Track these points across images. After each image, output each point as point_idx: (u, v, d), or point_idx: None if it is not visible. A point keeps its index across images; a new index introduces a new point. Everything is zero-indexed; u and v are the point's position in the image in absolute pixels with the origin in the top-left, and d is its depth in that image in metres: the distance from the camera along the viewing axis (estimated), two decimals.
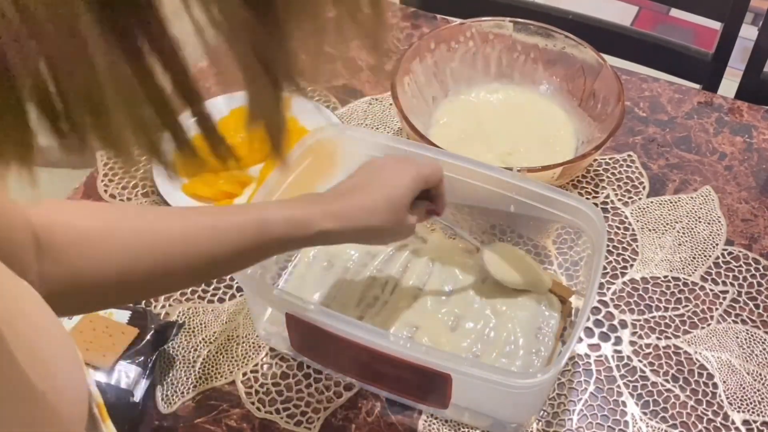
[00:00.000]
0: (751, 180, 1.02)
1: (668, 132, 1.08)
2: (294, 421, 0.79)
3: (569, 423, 0.79)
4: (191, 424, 0.79)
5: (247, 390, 0.81)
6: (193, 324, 0.86)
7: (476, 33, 1.07)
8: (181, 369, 0.83)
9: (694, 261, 0.93)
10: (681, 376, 0.83)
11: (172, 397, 0.81)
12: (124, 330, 0.78)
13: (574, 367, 0.84)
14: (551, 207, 0.82)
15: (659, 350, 0.85)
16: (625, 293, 0.90)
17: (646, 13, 2.48)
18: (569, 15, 1.29)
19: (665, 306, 0.89)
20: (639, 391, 0.82)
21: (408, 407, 0.80)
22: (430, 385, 0.75)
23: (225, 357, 0.84)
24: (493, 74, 1.09)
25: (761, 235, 0.96)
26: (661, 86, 1.14)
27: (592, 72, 1.02)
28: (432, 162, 0.78)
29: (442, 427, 0.79)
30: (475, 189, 0.85)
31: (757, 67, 1.22)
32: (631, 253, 0.94)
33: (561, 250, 0.91)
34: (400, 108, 0.94)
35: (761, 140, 1.07)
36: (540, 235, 0.93)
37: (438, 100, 1.07)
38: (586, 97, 1.03)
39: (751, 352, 0.85)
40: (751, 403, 0.81)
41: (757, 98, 1.16)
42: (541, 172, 0.89)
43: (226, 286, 0.90)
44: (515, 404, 0.78)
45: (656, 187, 1.01)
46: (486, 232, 0.94)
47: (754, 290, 0.91)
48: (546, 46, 1.06)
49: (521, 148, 1.02)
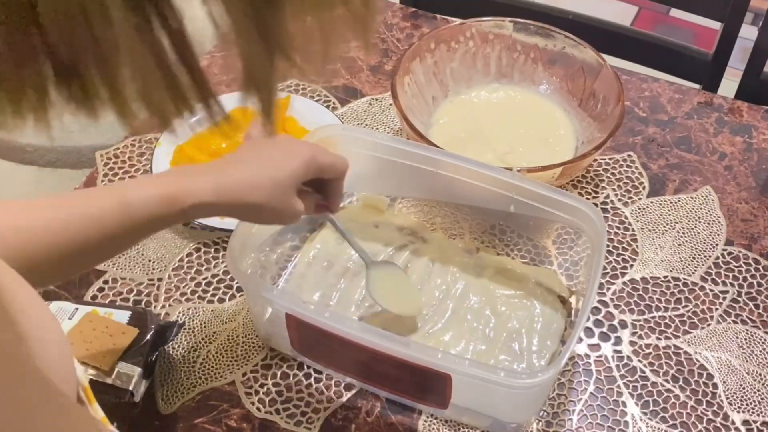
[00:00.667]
0: (751, 180, 1.02)
1: (668, 132, 1.08)
2: (294, 421, 0.79)
3: (569, 423, 0.79)
4: (191, 424, 0.79)
5: (247, 390, 0.81)
6: (193, 324, 0.86)
7: (476, 33, 1.07)
8: (181, 369, 0.83)
9: (694, 261, 0.93)
10: (681, 376, 0.83)
11: (172, 397, 0.81)
12: (124, 330, 0.78)
13: (574, 367, 0.84)
14: (551, 207, 0.82)
15: (659, 350, 0.85)
16: (625, 293, 0.90)
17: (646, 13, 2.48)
18: (569, 15, 1.29)
19: (665, 306, 0.89)
20: (639, 391, 0.82)
21: (408, 407, 0.80)
22: (429, 385, 0.75)
23: (225, 357, 0.84)
24: (493, 74, 1.09)
25: (761, 235, 0.96)
26: (661, 86, 1.14)
27: (592, 72, 1.02)
28: (337, 156, 0.75)
29: (442, 427, 0.79)
30: (475, 189, 0.85)
31: (757, 67, 1.22)
32: (631, 253, 0.94)
33: (561, 250, 0.91)
34: (400, 108, 0.94)
35: (761, 140, 1.07)
36: (540, 235, 0.93)
37: (438, 100, 1.07)
38: (586, 97, 1.03)
39: (751, 352, 0.85)
40: (751, 403, 0.81)
41: (757, 98, 1.16)
42: (541, 172, 0.89)
43: (226, 286, 0.90)
44: (515, 404, 0.78)
45: (656, 187, 1.01)
46: (486, 232, 0.94)
47: (754, 290, 0.91)
48: (546, 46, 1.06)
49: (521, 148, 1.02)
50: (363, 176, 0.92)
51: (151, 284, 0.90)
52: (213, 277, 0.91)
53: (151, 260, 0.92)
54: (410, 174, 0.87)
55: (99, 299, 0.88)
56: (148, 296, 0.89)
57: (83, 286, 0.89)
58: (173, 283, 0.90)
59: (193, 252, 0.93)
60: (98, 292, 0.89)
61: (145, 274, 0.91)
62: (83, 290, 0.89)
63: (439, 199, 0.95)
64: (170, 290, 0.89)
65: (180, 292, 0.89)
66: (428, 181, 0.87)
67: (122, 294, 0.89)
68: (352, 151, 0.87)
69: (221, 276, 0.91)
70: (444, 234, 0.94)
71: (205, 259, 0.92)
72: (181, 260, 0.92)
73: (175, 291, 0.89)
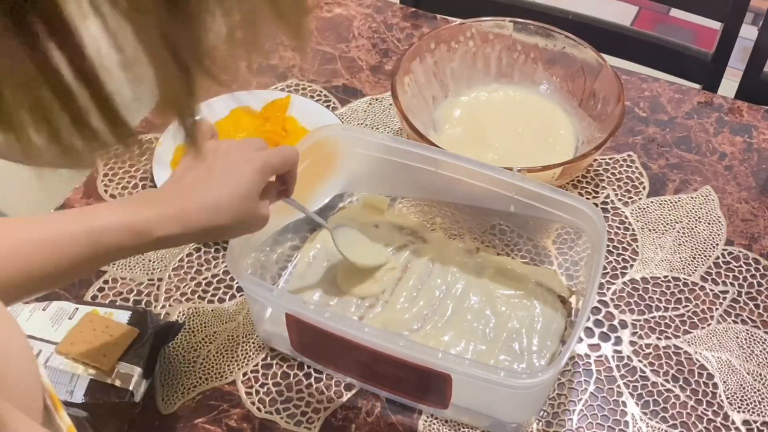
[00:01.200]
0: (751, 180, 1.02)
1: (668, 132, 1.08)
2: (294, 421, 0.79)
3: (569, 423, 0.79)
4: (191, 424, 0.79)
5: (247, 390, 0.81)
6: (193, 324, 0.86)
7: (476, 33, 1.07)
8: (181, 369, 0.83)
9: (694, 261, 0.93)
10: (681, 376, 0.83)
11: (172, 397, 0.81)
12: (124, 330, 0.78)
13: (574, 367, 0.84)
14: (551, 207, 0.82)
15: (659, 350, 0.85)
16: (625, 293, 0.90)
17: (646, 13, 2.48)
18: (569, 15, 1.29)
19: (665, 306, 0.89)
20: (639, 391, 0.82)
21: (408, 407, 0.80)
22: (430, 385, 0.75)
23: (225, 357, 0.84)
24: (493, 74, 1.09)
25: (761, 235, 0.96)
26: (661, 86, 1.14)
27: (592, 72, 1.02)
28: (284, 150, 0.74)
29: (442, 427, 0.79)
30: (475, 189, 0.85)
31: (757, 67, 1.22)
32: (631, 253, 0.94)
33: (561, 250, 0.91)
34: (400, 108, 0.94)
35: (761, 140, 1.07)
36: (540, 235, 0.93)
37: (438, 100, 1.07)
38: (586, 97, 1.03)
39: (751, 352, 0.85)
40: (751, 403, 0.81)
41: (757, 98, 1.16)
42: (541, 172, 0.89)
43: (227, 286, 0.90)
44: (515, 404, 0.78)
45: (656, 187, 1.01)
46: (486, 232, 0.94)
47: (754, 290, 0.91)
48: (546, 46, 1.06)
49: (521, 148, 1.02)
50: (363, 176, 0.92)
51: (151, 284, 0.90)
52: (213, 277, 0.91)
53: (151, 260, 0.92)
54: (410, 174, 0.87)
55: (99, 299, 0.88)
56: (148, 296, 0.89)
57: (83, 286, 0.89)
58: (173, 283, 0.90)
59: (193, 252, 0.93)
60: (98, 292, 0.89)
61: (145, 274, 0.91)
62: (83, 290, 0.89)
63: (439, 199, 0.95)
64: (170, 290, 0.89)
65: (180, 292, 0.89)
66: (428, 181, 0.87)
67: (122, 294, 0.89)
68: (352, 150, 0.87)
69: (221, 276, 0.91)
70: (444, 234, 0.94)
71: (205, 259, 0.92)
72: (181, 260, 0.92)
73: (175, 291, 0.89)
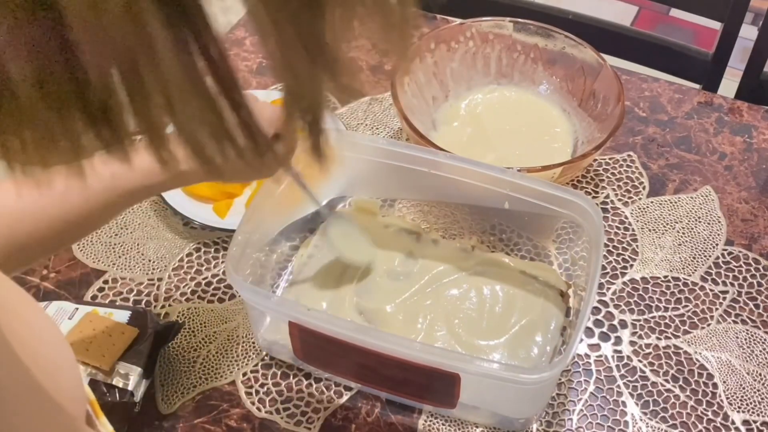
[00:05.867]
0: (751, 180, 1.02)
1: (668, 132, 1.08)
2: (294, 421, 0.79)
3: (569, 423, 0.79)
4: (191, 424, 0.79)
5: (247, 390, 0.81)
6: (193, 324, 0.86)
7: (476, 33, 1.07)
8: (181, 369, 0.83)
9: (694, 261, 0.93)
10: (681, 376, 0.83)
11: (172, 397, 0.81)
12: (124, 330, 0.78)
13: (574, 367, 0.84)
14: (547, 202, 0.82)
15: (659, 350, 0.85)
16: (625, 293, 0.90)
17: (646, 13, 2.48)
18: (569, 15, 1.29)
19: (665, 306, 0.89)
20: (639, 391, 0.82)
21: (408, 407, 0.80)
22: (438, 386, 0.75)
23: (225, 357, 0.84)
24: (492, 74, 1.09)
25: (761, 235, 0.96)
26: (661, 86, 1.14)
27: (592, 72, 1.02)
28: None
29: (442, 426, 0.79)
30: (475, 189, 0.85)
31: (757, 67, 1.22)
32: (631, 253, 0.94)
33: (561, 250, 0.91)
34: (400, 108, 0.94)
35: (761, 140, 1.07)
36: (539, 234, 0.93)
37: (438, 101, 1.07)
38: (586, 97, 1.03)
39: (751, 352, 0.85)
40: (751, 403, 0.81)
41: (757, 98, 1.16)
42: (540, 172, 0.89)
43: (227, 286, 0.90)
44: (524, 400, 0.78)
45: (656, 187, 1.01)
46: (486, 232, 0.94)
47: (754, 290, 0.91)
48: (546, 46, 1.06)
49: (521, 148, 1.02)
50: (360, 180, 0.92)
51: (151, 284, 0.90)
52: (213, 277, 0.91)
53: (151, 260, 0.92)
54: (407, 176, 0.86)
55: (99, 299, 0.88)
56: (148, 296, 0.89)
57: (83, 286, 0.89)
58: (173, 283, 0.90)
59: (193, 252, 0.93)
60: (98, 292, 0.89)
61: (145, 274, 0.91)
62: (83, 290, 0.89)
63: (437, 199, 0.95)
64: (170, 290, 0.89)
65: (180, 292, 0.89)
66: (425, 183, 0.87)
67: (122, 294, 0.89)
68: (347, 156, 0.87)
69: (221, 276, 0.91)
70: (443, 234, 0.94)
71: (205, 259, 0.92)
72: (181, 260, 0.92)
73: (175, 291, 0.89)
